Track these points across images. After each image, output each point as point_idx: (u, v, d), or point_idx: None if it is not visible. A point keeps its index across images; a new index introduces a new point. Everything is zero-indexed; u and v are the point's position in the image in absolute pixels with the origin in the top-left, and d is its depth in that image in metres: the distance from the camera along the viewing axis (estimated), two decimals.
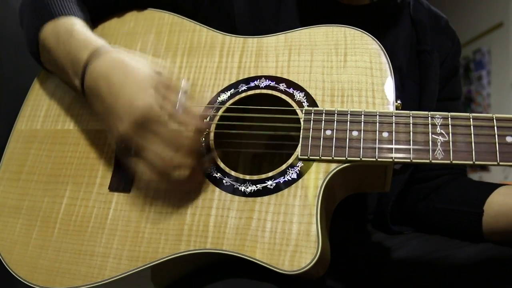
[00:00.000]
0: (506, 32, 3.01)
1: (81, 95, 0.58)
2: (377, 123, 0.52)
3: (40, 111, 0.69)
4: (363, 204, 0.76)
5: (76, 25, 0.61)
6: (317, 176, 0.52)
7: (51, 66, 0.65)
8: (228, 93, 0.61)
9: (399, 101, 0.56)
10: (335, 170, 0.52)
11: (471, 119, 0.50)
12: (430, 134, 0.51)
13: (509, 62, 2.97)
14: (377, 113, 0.53)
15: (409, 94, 0.71)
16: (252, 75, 0.61)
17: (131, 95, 0.51)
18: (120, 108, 0.51)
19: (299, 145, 0.54)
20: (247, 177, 0.55)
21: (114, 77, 0.52)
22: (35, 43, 0.63)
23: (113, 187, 0.60)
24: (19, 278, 0.59)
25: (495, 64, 3.16)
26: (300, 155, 0.53)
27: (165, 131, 0.51)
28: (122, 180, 0.60)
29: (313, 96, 0.57)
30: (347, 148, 0.52)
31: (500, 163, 0.48)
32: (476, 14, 3.25)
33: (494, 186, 0.67)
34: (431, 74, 0.72)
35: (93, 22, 0.72)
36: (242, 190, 0.54)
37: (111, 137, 0.54)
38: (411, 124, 0.51)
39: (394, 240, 0.72)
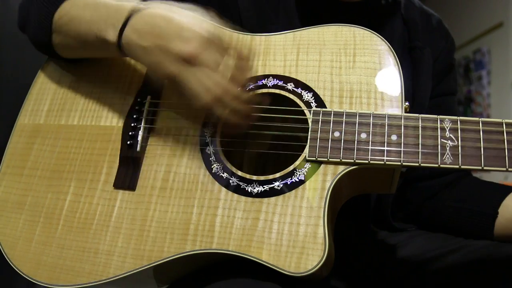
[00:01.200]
0: (506, 32, 3.01)
1: (114, 47, 0.57)
2: (386, 126, 0.52)
3: (43, 105, 0.68)
4: (365, 202, 0.76)
5: None
6: (324, 178, 0.52)
7: (67, 40, 0.63)
8: None
9: (407, 103, 0.56)
10: (343, 172, 0.52)
11: (480, 124, 0.50)
12: (439, 138, 0.50)
13: (509, 62, 2.97)
14: (386, 116, 0.53)
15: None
16: (260, 74, 0.61)
17: (194, 22, 0.53)
18: (185, 31, 0.52)
19: (307, 146, 0.54)
20: (254, 177, 0.54)
21: (173, 13, 0.54)
22: (49, 27, 0.62)
23: (118, 184, 0.59)
24: (22, 274, 0.58)
25: (495, 64, 3.17)
26: (308, 157, 0.53)
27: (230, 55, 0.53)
28: (127, 178, 0.59)
29: (321, 96, 0.57)
30: (355, 150, 0.52)
31: (509, 169, 0.48)
32: (476, 14, 3.25)
33: (510, 189, 0.67)
34: (423, 69, 0.73)
35: None
36: (249, 190, 0.54)
37: (171, 62, 0.54)
38: (420, 128, 0.51)
39: (397, 238, 0.72)
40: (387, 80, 0.56)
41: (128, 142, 0.60)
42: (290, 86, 0.59)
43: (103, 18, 0.58)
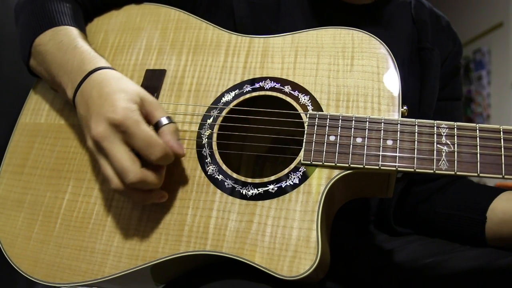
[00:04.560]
0: (506, 32, 2.99)
1: (71, 102, 0.59)
2: (382, 131, 0.52)
3: (44, 104, 0.69)
4: (365, 205, 0.76)
5: (77, 36, 0.63)
6: (319, 182, 0.52)
7: (40, 70, 0.65)
8: (233, 94, 0.60)
9: (405, 107, 0.55)
10: (337, 177, 0.52)
11: (477, 130, 0.49)
12: (435, 143, 0.50)
13: (509, 62, 2.95)
14: (382, 120, 0.52)
15: (410, 91, 0.71)
16: (258, 76, 0.61)
17: (115, 101, 0.52)
18: (102, 111, 0.52)
19: (302, 149, 0.53)
20: (249, 180, 0.55)
21: (107, 87, 0.54)
22: (29, 46, 0.65)
23: None
24: (20, 272, 0.59)
25: (495, 64, 3.15)
26: (303, 160, 0.53)
27: (139, 139, 0.50)
28: None
29: (318, 99, 0.57)
30: (350, 154, 0.52)
31: (505, 176, 0.47)
32: (476, 14, 3.23)
33: (498, 191, 0.67)
34: (432, 71, 0.72)
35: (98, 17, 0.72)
36: (244, 193, 0.54)
37: (86, 137, 0.55)
38: (416, 133, 0.51)
39: (395, 242, 0.72)
40: (385, 84, 0.56)
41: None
42: (287, 88, 0.59)
43: (68, 70, 0.59)
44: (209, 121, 0.59)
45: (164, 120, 0.53)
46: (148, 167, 0.52)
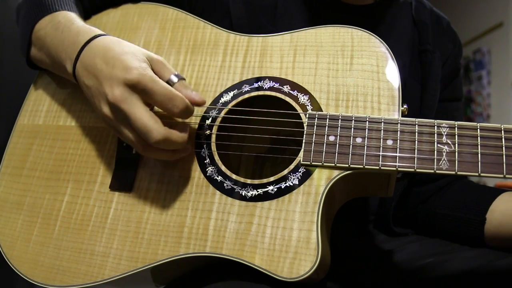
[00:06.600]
0: (506, 32, 2.99)
1: (72, 78, 0.58)
2: (382, 130, 0.51)
3: (42, 106, 0.69)
4: (365, 205, 0.76)
5: (76, 17, 0.63)
6: (319, 183, 0.52)
7: (41, 55, 0.65)
8: (231, 94, 0.60)
9: (405, 105, 0.55)
10: (337, 177, 0.51)
11: (478, 129, 0.49)
12: (435, 143, 0.49)
13: (509, 62, 2.95)
14: (382, 120, 0.52)
15: (411, 94, 0.71)
16: (256, 75, 0.60)
17: (126, 62, 0.51)
18: (114, 74, 0.51)
19: (302, 150, 0.53)
20: (248, 181, 0.54)
21: (111, 51, 0.53)
22: (29, 34, 0.64)
23: (114, 187, 0.59)
24: (20, 274, 0.59)
25: (495, 64, 3.15)
26: (303, 161, 0.53)
27: (159, 95, 0.50)
28: (123, 180, 0.59)
29: (317, 99, 0.56)
30: (350, 155, 0.51)
31: (507, 176, 0.47)
32: (476, 14, 3.23)
33: (497, 192, 0.66)
34: (433, 73, 0.72)
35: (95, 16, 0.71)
36: (243, 194, 0.54)
37: (100, 106, 0.53)
38: (416, 133, 0.50)
39: (395, 242, 0.72)
40: (385, 83, 0.55)
41: (124, 144, 0.60)
42: (286, 88, 0.58)
43: (64, 47, 0.58)
44: (208, 121, 0.59)
45: (174, 78, 0.53)
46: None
